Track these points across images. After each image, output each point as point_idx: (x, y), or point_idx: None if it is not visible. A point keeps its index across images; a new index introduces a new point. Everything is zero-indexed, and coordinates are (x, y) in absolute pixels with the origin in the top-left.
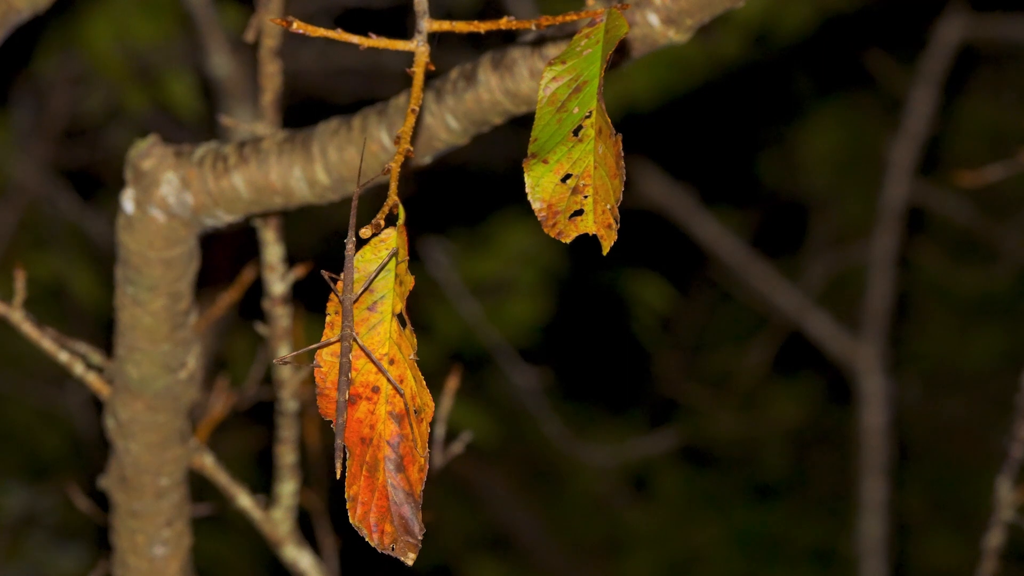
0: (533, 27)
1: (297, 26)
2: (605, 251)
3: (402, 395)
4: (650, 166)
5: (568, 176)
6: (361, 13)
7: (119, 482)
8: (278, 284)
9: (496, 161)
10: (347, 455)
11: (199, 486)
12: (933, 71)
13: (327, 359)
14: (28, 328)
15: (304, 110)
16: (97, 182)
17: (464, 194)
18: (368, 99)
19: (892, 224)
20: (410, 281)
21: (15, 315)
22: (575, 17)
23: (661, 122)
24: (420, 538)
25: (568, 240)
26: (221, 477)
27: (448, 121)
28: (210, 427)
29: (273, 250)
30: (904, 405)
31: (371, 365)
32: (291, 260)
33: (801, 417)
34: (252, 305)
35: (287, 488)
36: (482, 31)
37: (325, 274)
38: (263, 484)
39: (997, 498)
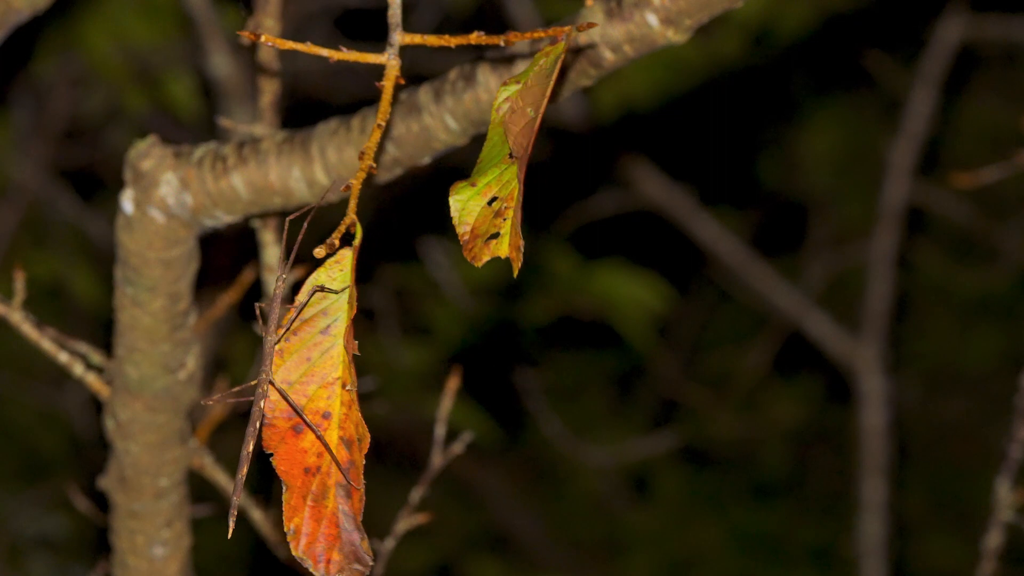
0: (502, 43)
1: (265, 39)
2: (516, 273)
3: (328, 448)
4: (650, 166)
5: (494, 199)
6: (361, 13)
7: (119, 483)
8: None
9: None
10: (284, 489)
11: (199, 486)
12: (933, 71)
13: (279, 386)
14: (28, 328)
15: (304, 110)
16: (97, 182)
17: None
18: (368, 99)
19: (892, 224)
20: (354, 307)
21: (15, 315)
22: (542, 35)
23: (660, 122)
24: (370, 565)
25: (480, 264)
26: (221, 477)
27: (447, 121)
28: (210, 428)
29: (272, 251)
30: (904, 405)
31: (323, 391)
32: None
33: (801, 417)
34: (252, 306)
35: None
36: (452, 45)
37: (257, 307)
38: (263, 484)
39: (996, 499)
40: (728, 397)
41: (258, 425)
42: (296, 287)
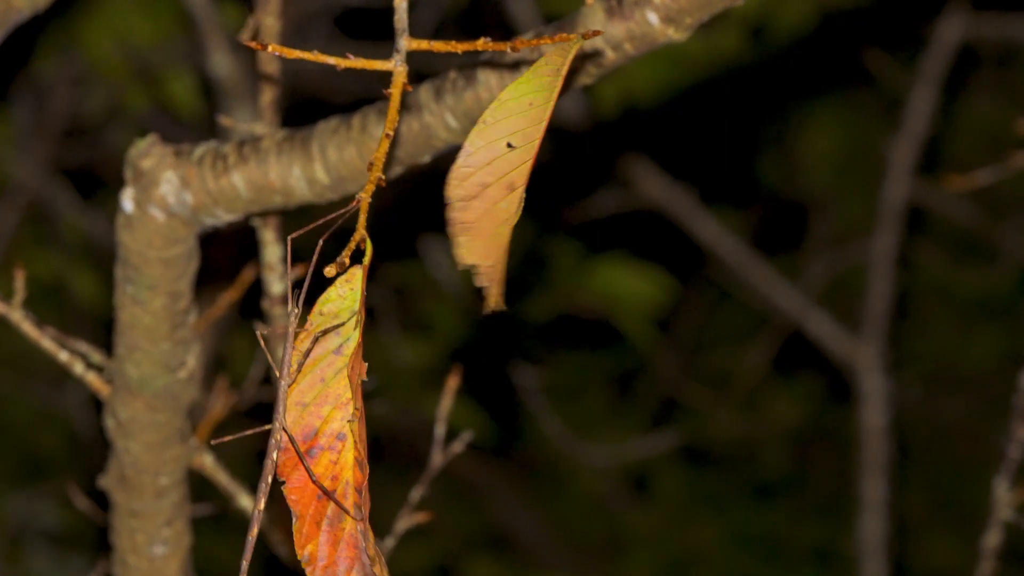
0: (509, 50)
1: (272, 48)
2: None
3: (316, 481)
4: (650, 165)
5: None
6: (362, 13)
7: (119, 481)
8: (277, 284)
9: None
10: (295, 518)
11: (199, 486)
12: (933, 70)
13: (294, 409)
14: (28, 327)
15: (304, 109)
16: (97, 181)
17: None
18: (368, 99)
19: (892, 224)
20: (361, 331)
21: (15, 314)
22: (548, 41)
23: (660, 121)
24: None
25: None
26: (221, 477)
27: (447, 120)
28: (210, 427)
29: (272, 250)
30: (904, 405)
31: (337, 411)
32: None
33: (801, 417)
34: (252, 305)
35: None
36: (459, 51)
37: (259, 332)
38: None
39: (995, 498)
40: (728, 397)
41: (269, 481)
42: (295, 286)
